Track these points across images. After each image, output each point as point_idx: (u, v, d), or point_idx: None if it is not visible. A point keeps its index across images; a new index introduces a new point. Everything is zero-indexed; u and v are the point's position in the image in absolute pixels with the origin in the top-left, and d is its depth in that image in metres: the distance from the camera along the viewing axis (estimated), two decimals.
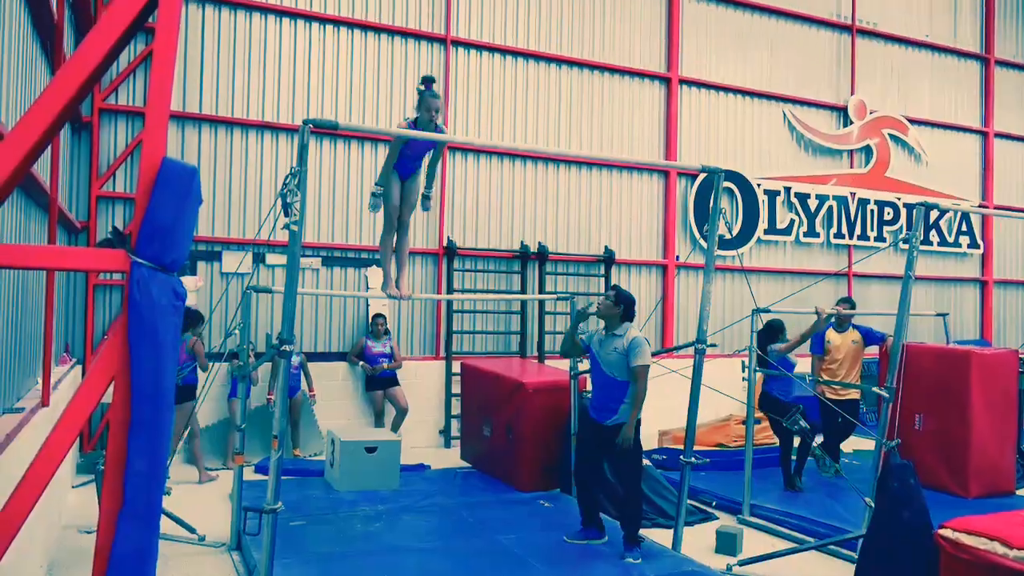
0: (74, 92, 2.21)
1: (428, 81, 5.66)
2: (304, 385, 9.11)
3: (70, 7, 6.95)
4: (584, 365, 6.65)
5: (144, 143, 2.31)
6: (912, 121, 13.84)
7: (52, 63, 5.97)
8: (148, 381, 2.30)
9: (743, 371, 7.67)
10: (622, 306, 5.79)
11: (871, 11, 13.67)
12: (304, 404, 9.13)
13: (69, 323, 8.58)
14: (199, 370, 7.66)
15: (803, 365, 9.30)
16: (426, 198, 6.13)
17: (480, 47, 10.65)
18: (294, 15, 9.69)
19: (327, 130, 4.82)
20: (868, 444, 8.71)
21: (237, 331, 6.40)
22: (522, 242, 10.71)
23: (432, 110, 5.53)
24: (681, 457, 6.00)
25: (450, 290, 10.22)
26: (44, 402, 5.41)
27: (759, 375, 7.57)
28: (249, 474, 7.48)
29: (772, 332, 7.75)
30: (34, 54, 5.56)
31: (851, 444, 9.11)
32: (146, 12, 2.33)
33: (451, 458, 9.13)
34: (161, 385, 2.35)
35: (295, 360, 8.86)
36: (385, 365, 9.32)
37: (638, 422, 5.65)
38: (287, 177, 4.46)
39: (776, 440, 8.15)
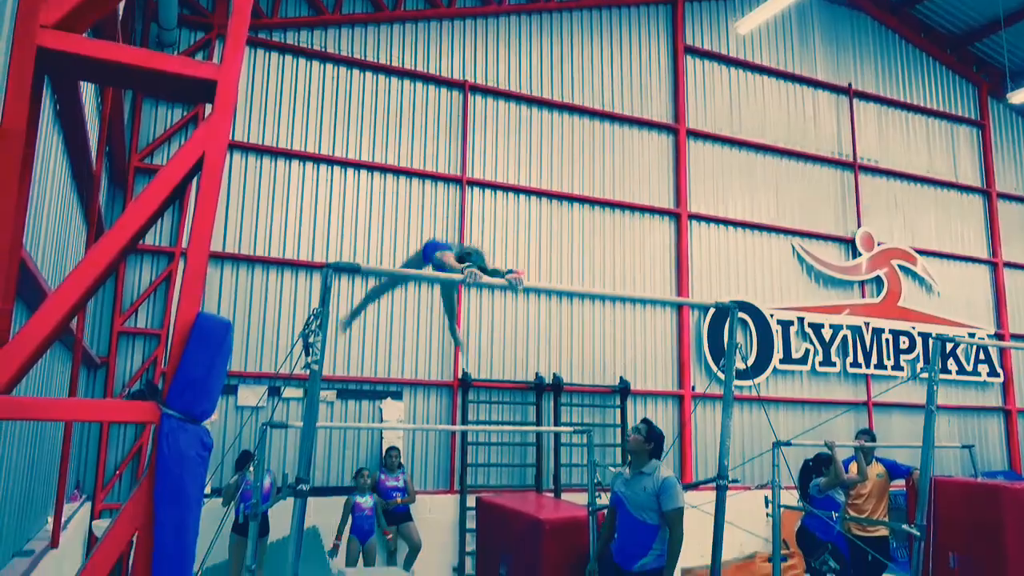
0: (113, 257, 2.33)
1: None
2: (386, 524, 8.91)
3: (107, 156, 7.34)
4: (603, 500, 6.50)
5: (181, 298, 2.41)
6: (920, 252, 14.06)
7: (86, 210, 6.24)
8: (171, 535, 2.30)
9: (767, 506, 7.44)
10: (653, 442, 5.62)
11: (871, 149, 14.20)
12: (379, 551, 8.87)
13: (81, 457, 8.53)
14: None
15: None
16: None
17: (495, 187, 11.07)
18: (318, 160, 10.16)
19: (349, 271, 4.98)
20: None
21: (252, 468, 6.34)
22: (537, 373, 10.72)
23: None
24: None
25: (465, 422, 10.15)
26: (53, 543, 5.33)
27: (801, 510, 7.35)
28: None
29: (819, 464, 7.55)
30: (71, 201, 5.83)
31: None
32: (188, 179, 2.49)
33: None
34: (184, 539, 2.34)
35: (367, 502, 8.71)
36: (399, 499, 9.13)
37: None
38: (309, 318, 4.56)
39: None
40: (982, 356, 14.21)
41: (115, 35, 5.50)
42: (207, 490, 8.03)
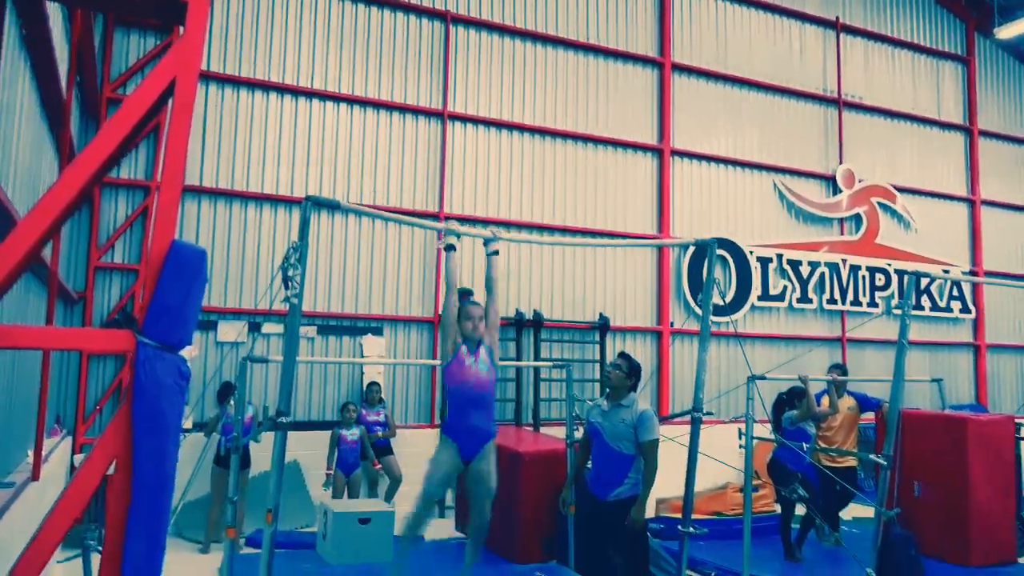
0: (84, 183, 2.28)
1: (465, 294, 5.71)
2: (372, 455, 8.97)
3: (78, 86, 7.14)
4: (580, 434, 6.62)
5: (155, 227, 2.38)
6: (900, 190, 14.12)
7: (58, 141, 6.10)
8: (150, 463, 2.31)
9: (740, 438, 7.61)
10: (633, 378, 5.68)
11: (856, 85, 14.09)
12: (363, 483, 8.95)
13: (61, 392, 8.53)
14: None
15: None
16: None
17: (476, 121, 10.91)
18: (295, 92, 9.95)
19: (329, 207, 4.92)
20: (868, 512, 8.63)
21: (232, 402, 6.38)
22: (517, 309, 10.77)
23: (474, 318, 5.14)
24: (679, 527, 5.93)
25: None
26: (35, 476, 5.36)
27: (773, 442, 7.54)
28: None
29: (792, 398, 7.71)
30: (41, 132, 5.69)
31: (850, 512, 9.02)
32: (159, 104, 2.42)
33: (446, 528, 8.99)
34: (163, 467, 2.36)
35: (352, 434, 8.78)
36: (380, 434, 9.26)
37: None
38: (288, 251, 4.52)
39: (775, 508, 8.06)
40: (955, 293, 14.44)
41: None
42: (188, 424, 8.09)
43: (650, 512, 9.35)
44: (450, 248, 5.37)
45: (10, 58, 4.15)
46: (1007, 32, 12.80)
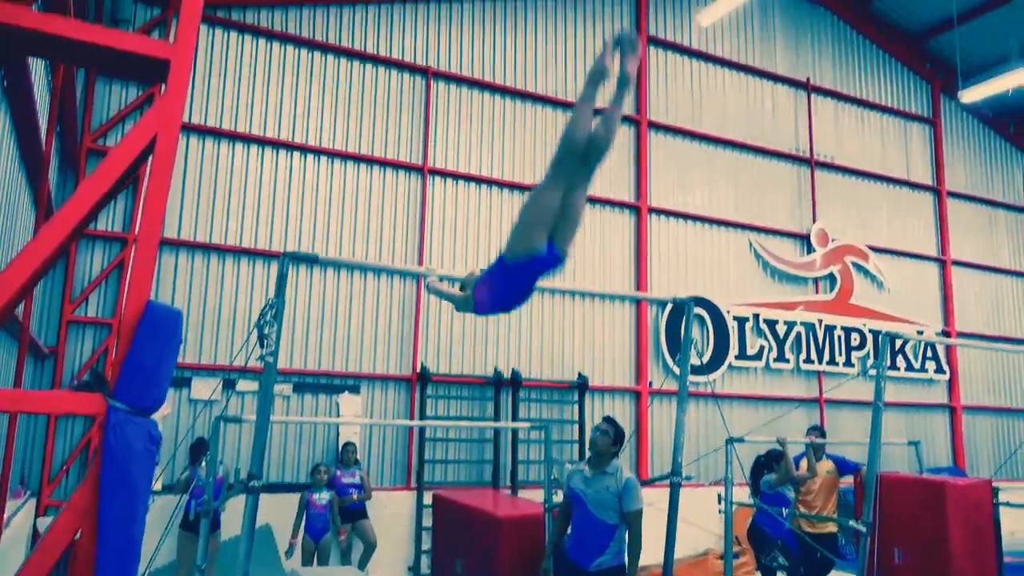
0: (61, 241, 2.24)
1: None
2: (340, 522, 8.77)
3: (58, 136, 7.11)
4: (559, 497, 6.50)
5: (130, 287, 2.33)
6: (872, 249, 14.34)
7: (36, 192, 6.04)
8: (117, 529, 2.22)
9: (720, 503, 7.52)
10: (618, 444, 5.58)
11: (828, 145, 14.43)
12: (334, 549, 8.74)
13: (27, 450, 8.26)
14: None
15: None
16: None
17: (456, 176, 10.99)
18: (275, 144, 9.97)
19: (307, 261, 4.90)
20: None
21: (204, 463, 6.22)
22: (495, 368, 10.69)
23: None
24: None
25: (423, 417, 10.08)
26: None
27: (753, 506, 7.44)
28: None
29: (770, 460, 7.64)
30: (19, 182, 5.63)
31: None
32: (139, 161, 2.40)
33: None
34: (130, 533, 2.26)
35: (322, 498, 8.56)
36: (354, 496, 9.03)
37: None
38: (264, 309, 4.47)
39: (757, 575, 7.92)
40: (930, 353, 14.56)
41: (67, 8, 5.31)
42: (157, 486, 7.85)
43: None
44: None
45: None
46: (971, 96, 13.22)
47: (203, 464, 7.49)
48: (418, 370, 10.23)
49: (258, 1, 10.05)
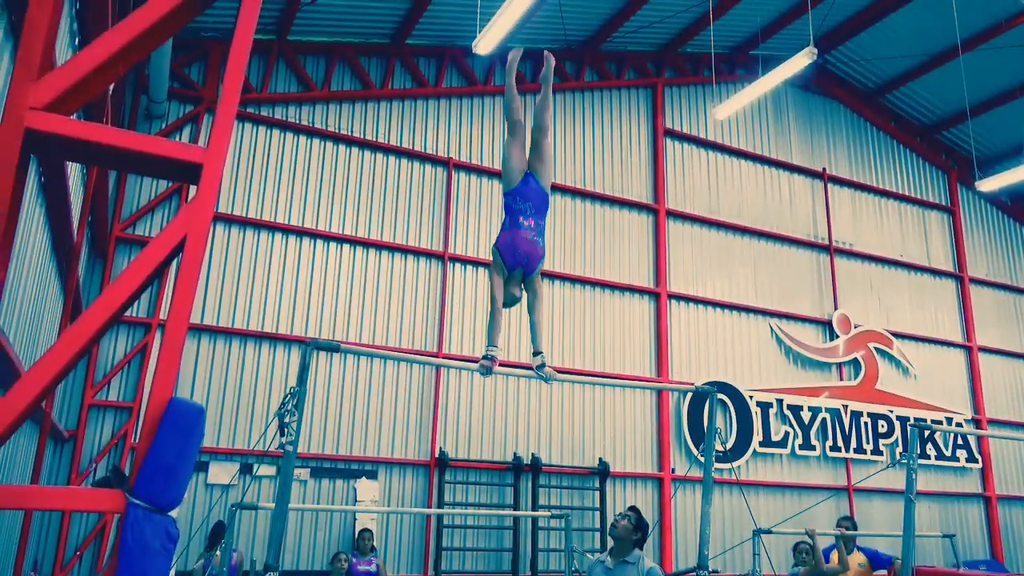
0: (90, 338, 2.29)
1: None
2: None
3: (89, 225, 7.32)
4: None
5: (155, 380, 2.36)
6: (896, 335, 14.20)
7: (65, 281, 6.18)
8: None
9: None
10: (640, 532, 5.46)
11: (846, 232, 14.49)
12: None
13: (41, 535, 8.20)
14: None
15: None
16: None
17: (476, 263, 11.12)
18: (299, 232, 10.18)
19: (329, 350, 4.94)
20: None
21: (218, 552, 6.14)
22: (515, 453, 10.57)
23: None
24: None
25: (441, 503, 9.92)
26: None
27: None
28: None
29: (796, 553, 7.42)
30: (49, 270, 5.78)
31: None
32: (168, 260, 2.47)
33: None
34: None
35: None
36: None
37: None
38: (285, 397, 4.49)
39: None
40: (960, 441, 14.21)
41: (104, 109, 5.55)
42: (171, 575, 7.71)
43: None
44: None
45: (27, 207, 4.27)
46: (988, 185, 13.30)
47: (217, 552, 7.38)
48: (436, 455, 10.13)
49: (286, 98, 10.44)
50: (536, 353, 5.39)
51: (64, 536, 8.26)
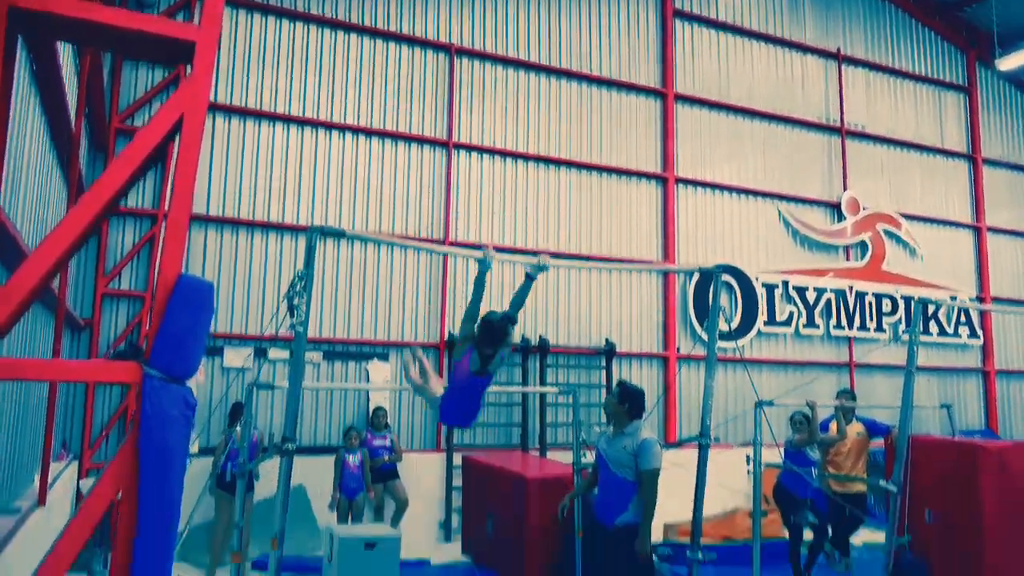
0: (93, 218, 2.32)
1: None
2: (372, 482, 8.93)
3: (87, 118, 7.24)
4: (588, 459, 6.60)
5: (163, 260, 2.41)
6: (905, 216, 14.13)
7: (67, 171, 6.18)
8: (156, 491, 2.33)
9: (748, 464, 7.58)
10: (627, 404, 5.66)
11: (859, 114, 14.18)
12: (368, 505, 8.96)
13: (67, 417, 8.55)
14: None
15: None
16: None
17: (481, 150, 11.00)
18: (302, 122, 10.05)
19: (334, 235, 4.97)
20: (879, 536, 8.54)
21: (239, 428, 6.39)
22: (523, 335, 10.77)
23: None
24: (688, 553, 5.90)
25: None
26: (41, 501, 5.38)
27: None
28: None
29: (793, 424, 7.71)
30: (51, 163, 5.77)
31: (861, 537, 8.93)
32: (167, 140, 2.47)
33: (452, 552, 8.97)
34: (168, 495, 2.37)
35: (356, 459, 8.77)
36: (386, 458, 9.22)
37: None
38: (293, 280, 4.57)
39: (784, 533, 7.99)
40: (963, 318, 14.38)
41: None
42: (195, 449, 8.08)
43: (659, 536, 9.31)
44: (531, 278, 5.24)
45: (19, 92, 4.22)
46: (1008, 63, 12.84)
47: (238, 428, 7.70)
48: (446, 337, 10.35)
49: None
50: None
51: (89, 416, 8.62)
